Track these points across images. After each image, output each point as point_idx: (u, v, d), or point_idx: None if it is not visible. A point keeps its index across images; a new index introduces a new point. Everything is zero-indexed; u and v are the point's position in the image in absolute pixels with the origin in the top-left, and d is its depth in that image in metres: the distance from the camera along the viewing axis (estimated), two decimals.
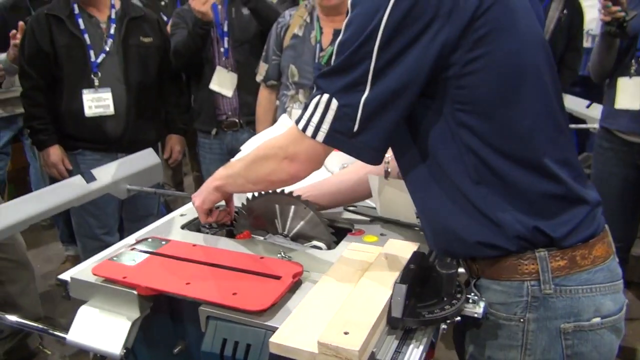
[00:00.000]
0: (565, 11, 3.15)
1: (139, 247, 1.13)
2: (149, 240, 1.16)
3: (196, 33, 2.39)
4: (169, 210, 3.35)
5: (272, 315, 0.90)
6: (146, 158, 1.93)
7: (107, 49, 2.32)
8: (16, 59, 2.46)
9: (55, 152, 2.33)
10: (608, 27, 1.83)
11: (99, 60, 2.30)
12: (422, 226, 1.04)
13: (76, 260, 3.30)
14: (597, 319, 0.92)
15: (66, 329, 1.03)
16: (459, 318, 0.89)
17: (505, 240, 0.91)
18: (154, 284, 0.98)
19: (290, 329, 0.82)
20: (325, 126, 0.89)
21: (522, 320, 0.92)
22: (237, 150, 2.68)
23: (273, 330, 0.87)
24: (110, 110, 2.30)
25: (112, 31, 2.34)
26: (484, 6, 0.83)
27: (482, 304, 0.91)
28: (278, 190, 1.24)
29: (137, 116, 2.37)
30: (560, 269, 0.91)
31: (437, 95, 0.88)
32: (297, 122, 0.93)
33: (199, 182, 3.35)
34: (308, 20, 2.08)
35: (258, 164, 1.01)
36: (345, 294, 0.91)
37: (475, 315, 0.90)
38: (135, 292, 0.99)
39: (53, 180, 2.27)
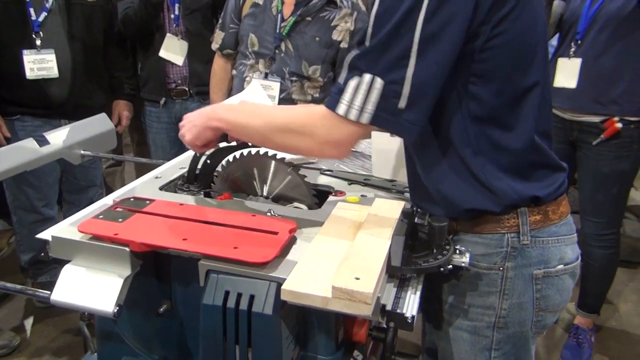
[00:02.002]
0: None
1: (123, 206, 1.10)
2: (132, 200, 1.14)
3: (149, 2, 2.31)
4: (106, 184, 3.21)
5: (274, 268, 0.92)
6: (100, 123, 1.85)
7: (48, 6, 2.18)
8: None
9: None
10: None
11: (40, 19, 2.15)
12: (424, 186, 1.07)
13: (3, 235, 3.10)
14: (561, 266, 1.04)
15: None
16: (450, 266, 0.96)
17: (496, 206, 0.99)
18: (149, 240, 0.97)
19: (300, 277, 0.85)
20: (370, 107, 0.88)
21: (501, 268, 1.02)
22: None
23: (277, 280, 0.89)
24: (54, 72, 2.17)
25: None
26: None
27: (467, 255, 0.99)
28: (253, 152, 1.26)
29: (83, 79, 2.26)
30: (536, 222, 1.01)
31: (456, 67, 0.90)
32: (333, 107, 0.90)
33: (141, 153, 3.22)
34: None
35: (290, 135, 0.97)
36: (345, 246, 0.95)
37: (463, 264, 0.98)
38: (127, 249, 0.97)
39: None
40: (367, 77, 0.87)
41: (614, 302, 2.77)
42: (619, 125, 2.02)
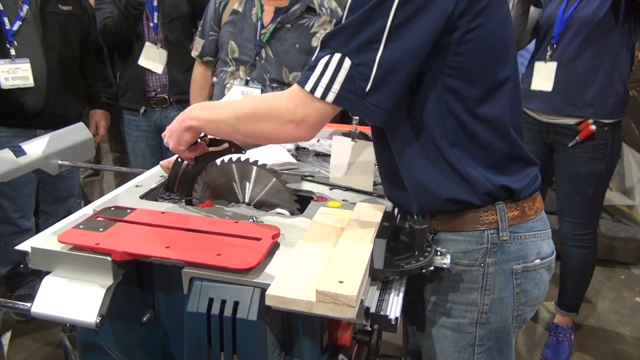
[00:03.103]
0: None
1: (104, 215, 1.09)
2: (112, 209, 1.12)
3: (129, 13, 2.31)
4: (84, 194, 3.17)
5: (257, 274, 0.92)
6: (77, 133, 1.82)
7: (23, 15, 2.15)
8: None
9: None
10: None
11: (15, 28, 2.12)
12: (400, 180, 1.07)
13: None
14: (538, 260, 1.06)
15: None
16: (432, 268, 0.97)
17: (474, 196, 1.01)
18: (131, 249, 0.96)
19: (284, 282, 0.86)
20: (336, 86, 0.89)
21: (482, 265, 1.04)
22: (165, 128, 2.61)
23: (261, 286, 0.89)
24: (30, 82, 2.13)
25: None
26: None
27: (448, 256, 1.00)
28: (234, 158, 1.26)
29: (59, 89, 2.23)
30: (514, 218, 1.04)
31: (434, 59, 0.93)
32: (303, 84, 0.92)
33: (120, 162, 3.19)
34: None
35: (256, 121, 0.97)
36: (328, 250, 0.95)
37: (444, 265, 0.99)
38: (109, 259, 0.96)
39: None
40: (337, 56, 0.88)
41: (592, 300, 2.82)
42: (593, 127, 2.07)
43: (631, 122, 3.27)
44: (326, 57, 0.89)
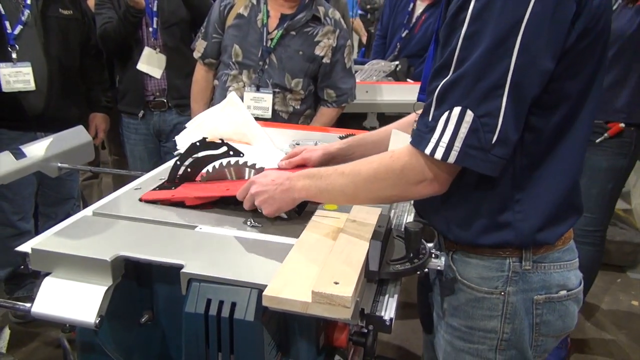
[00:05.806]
0: None
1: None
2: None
3: (127, 20, 2.35)
4: (83, 197, 3.18)
5: (255, 274, 0.94)
6: (77, 136, 1.84)
7: (24, 19, 2.17)
8: None
9: None
10: None
11: (16, 32, 2.15)
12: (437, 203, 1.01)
13: None
14: (564, 292, 1.00)
15: None
16: (426, 270, 0.99)
17: (510, 239, 0.96)
18: (200, 194, 1.20)
19: (280, 283, 0.87)
20: (458, 144, 0.82)
21: (502, 293, 0.98)
22: (164, 132, 2.63)
23: (258, 287, 0.91)
24: (31, 85, 2.16)
25: (28, 1, 2.19)
26: None
27: (443, 258, 1.02)
28: (232, 161, 1.27)
29: (60, 92, 2.25)
30: (540, 249, 0.98)
31: None
32: (421, 146, 0.86)
33: (119, 164, 3.20)
34: (254, 1, 2.09)
35: (379, 185, 0.93)
36: (324, 252, 0.97)
37: (438, 267, 1.00)
38: (108, 260, 0.98)
39: None
40: (457, 110, 0.81)
41: (588, 303, 2.84)
42: (622, 125, 2.13)
43: None
44: (445, 114, 0.83)
